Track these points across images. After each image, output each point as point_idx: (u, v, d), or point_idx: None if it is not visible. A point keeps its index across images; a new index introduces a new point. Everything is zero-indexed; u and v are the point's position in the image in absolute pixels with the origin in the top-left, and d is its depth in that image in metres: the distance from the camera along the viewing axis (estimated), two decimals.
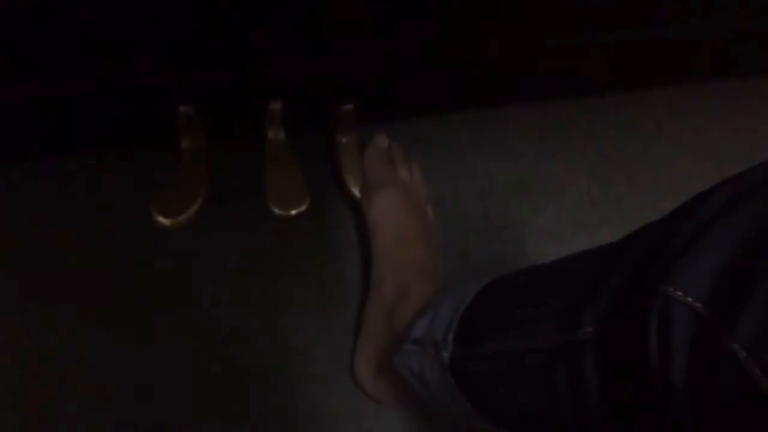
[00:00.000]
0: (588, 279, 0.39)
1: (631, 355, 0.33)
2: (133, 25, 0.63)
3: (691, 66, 0.92)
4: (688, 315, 0.30)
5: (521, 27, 0.77)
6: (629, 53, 0.86)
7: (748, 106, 0.93)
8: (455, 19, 0.73)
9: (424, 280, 0.65)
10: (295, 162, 0.72)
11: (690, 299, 0.30)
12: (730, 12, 0.84)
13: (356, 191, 0.74)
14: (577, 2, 0.75)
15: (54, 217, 0.71)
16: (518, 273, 0.50)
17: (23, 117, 0.70)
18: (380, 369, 0.65)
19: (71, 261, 0.69)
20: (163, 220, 0.68)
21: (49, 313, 0.67)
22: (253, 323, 0.69)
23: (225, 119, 0.74)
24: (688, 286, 0.30)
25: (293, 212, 0.71)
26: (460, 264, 0.75)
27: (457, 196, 0.80)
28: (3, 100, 0.67)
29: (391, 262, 0.68)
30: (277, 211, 0.71)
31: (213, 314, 0.69)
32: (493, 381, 0.46)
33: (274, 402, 0.66)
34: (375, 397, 0.67)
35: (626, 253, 0.38)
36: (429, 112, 0.84)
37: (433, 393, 0.55)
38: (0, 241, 0.70)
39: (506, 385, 0.45)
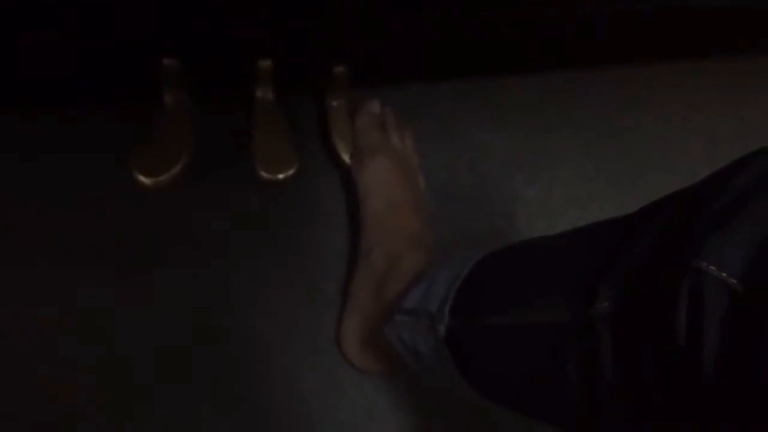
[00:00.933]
0: (602, 253, 0.37)
1: (654, 332, 0.31)
2: None
3: (686, 42, 0.90)
4: (723, 292, 0.28)
5: None
6: (625, 27, 0.84)
7: (742, 83, 0.92)
8: None
9: (416, 250, 0.63)
10: (284, 124, 0.69)
11: (725, 275, 0.28)
12: None
13: (346, 157, 0.71)
14: None
15: (30, 173, 0.68)
16: (522, 245, 0.48)
17: None
18: (367, 339, 0.64)
19: (48, 223, 0.66)
20: (144, 179, 0.65)
21: (31, 277, 0.64)
22: (236, 289, 0.67)
23: (211, 75, 0.70)
24: (723, 262, 0.29)
25: (281, 176, 0.67)
26: (450, 235, 0.73)
27: (447, 166, 0.78)
28: None
29: (381, 231, 0.66)
30: (264, 174, 0.67)
31: (195, 278, 0.67)
32: (493, 355, 0.45)
33: (255, 371, 0.64)
34: (361, 368, 0.65)
35: (646, 225, 0.36)
36: (422, 80, 0.81)
37: (424, 365, 0.54)
38: None
39: (509, 360, 0.43)
